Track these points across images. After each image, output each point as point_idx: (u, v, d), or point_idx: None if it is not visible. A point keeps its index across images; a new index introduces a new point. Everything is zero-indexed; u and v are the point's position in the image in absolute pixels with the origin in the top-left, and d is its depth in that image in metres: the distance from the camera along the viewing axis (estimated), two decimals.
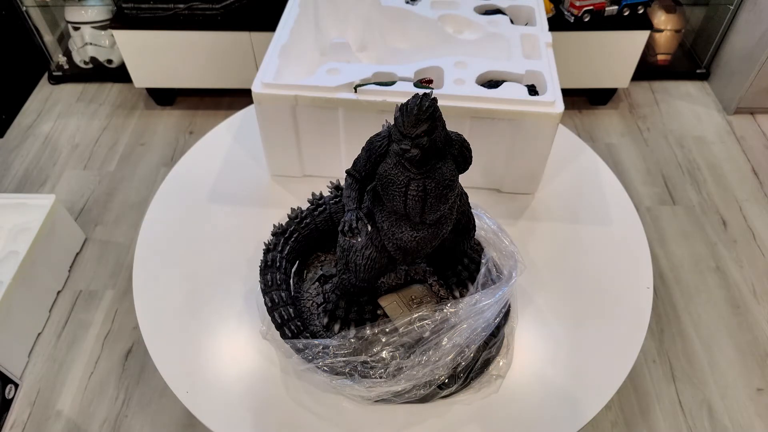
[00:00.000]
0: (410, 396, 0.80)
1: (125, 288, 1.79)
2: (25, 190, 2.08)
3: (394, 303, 0.87)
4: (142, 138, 2.29)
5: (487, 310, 0.80)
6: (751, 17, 2.25)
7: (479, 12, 1.21)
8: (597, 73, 2.25)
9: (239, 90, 2.30)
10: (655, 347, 1.64)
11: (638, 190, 2.06)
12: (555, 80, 1.02)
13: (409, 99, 0.64)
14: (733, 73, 2.37)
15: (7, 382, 1.50)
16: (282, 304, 0.85)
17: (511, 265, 0.85)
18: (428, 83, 1.02)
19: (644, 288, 0.98)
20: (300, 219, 0.93)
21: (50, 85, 2.53)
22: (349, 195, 0.73)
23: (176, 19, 2.08)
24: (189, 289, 0.98)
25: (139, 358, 1.62)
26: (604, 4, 2.08)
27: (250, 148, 1.22)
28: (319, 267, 0.96)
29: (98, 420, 1.50)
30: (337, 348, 0.80)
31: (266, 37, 1.33)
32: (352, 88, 1.00)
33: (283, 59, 1.06)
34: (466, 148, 0.72)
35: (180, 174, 1.18)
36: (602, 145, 2.26)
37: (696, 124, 2.36)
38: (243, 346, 0.90)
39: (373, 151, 0.70)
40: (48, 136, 2.30)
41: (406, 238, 0.73)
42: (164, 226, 1.08)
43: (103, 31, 2.38)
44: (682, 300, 1.75)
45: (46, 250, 1.68)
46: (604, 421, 1.50)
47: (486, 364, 0.85)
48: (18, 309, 1.56)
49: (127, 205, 2.03)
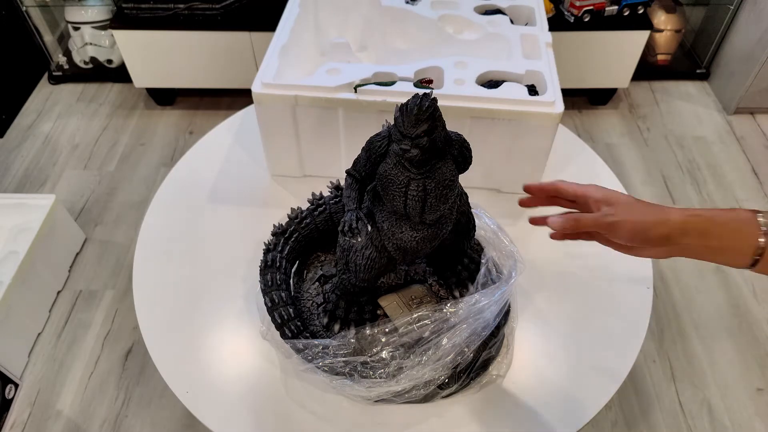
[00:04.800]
0: (410, 396, 0.80)
1: (125, 288, 1.79)
2: (25, 190, 2.09)
3: (394, 303, 0.87)
4: (142, 138, 2.29)
5: (487, 310, 0.80)
6: (751, 17, 2.25)
7: (479, 12, 1.21)
8: (597, 73, 2.25)
9: (239, 90, 2.30)
10: (655, 347, 1.64)
11: (638, 190, 2.06)
12: (555, 80, 1.02)
13: (409, 99, 0.64)
14: (733, 73, 2.37)
15: (7, 382, 1.50)
16: (282, 304, 0.85)
17: (510, 265, 0.85)
18: (428, 83, 1.02)
19: (644, 288, 0.98)
20: (300, 219, 0.93)
21: (50, 85, 2.53)
22: (349, 195, 0.73)
23: (176, 19, 2.08)
24: (189, 289, 0.98)
25: (139, 358, 1.62)
26: (604, 4, 2.08)
27: (250, 148, 1.22)
28: (319, 267, 0.96)
29: (98, 420, 1.50)
30: (337, 348, 0.80)
31: (266, 37, 1.33)
32: (352, 88, 1.00)
33: (283, 59, 1.06)
34: (466, 148, 0.72)
35: (180, 174, 1.18)
36: (602, 145, 2.26)
37: (696, 124, 2.36)
38: (243, 346, 0.90)
39: (373, 151, 0.70)
40: (48, 136, 2.30)
41: (406, 238, 0.73)
42: (164, 226, 1.08)
43: (103, 31, 2.38)
44: (682, 300, 1.75)
45: (46, 250, 1.68)
46: (604, 421, 1.50)
47: (486, 364, 0.85)
48: (18, 309, 1.56)
49: (127, 205, 2.03)
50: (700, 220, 0.57)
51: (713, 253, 0.58)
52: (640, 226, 0.58)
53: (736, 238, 0.56)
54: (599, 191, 0.63)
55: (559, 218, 0.62)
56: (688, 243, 0.58)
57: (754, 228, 0.55)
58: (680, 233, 0.57)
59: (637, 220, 0.59)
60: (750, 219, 0.55)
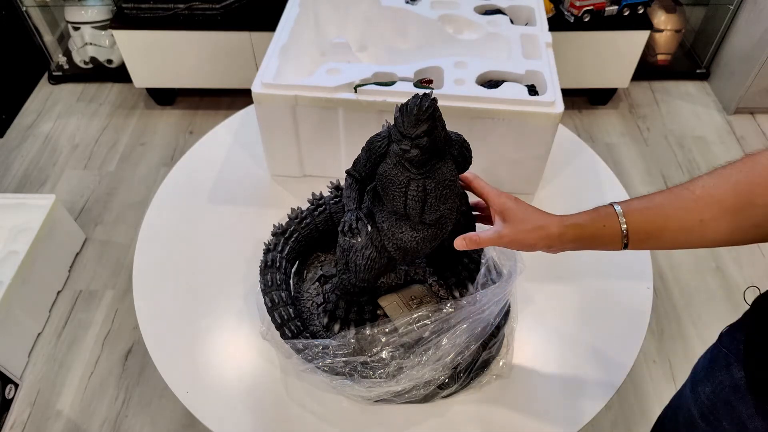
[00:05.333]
0: (410, 396, 0.80)
1: (125, 288, 1.79)
2: (25, 190, 2.08)
3: (393, 303, 0.87)
4: (142, 138, 2.29)
5: (487, 310, 0.80)
6: (751, 17, 2.25)
7: (479, 12, 1.21)
8: (597, 73, 2.25)
9: (239, 90, 2.30)
10: (655, 347, 1.64)
11: (638, 190, 2.06)
12: (555, 80, 1.02)
13: (409, 99, 0.64)
14: (733, 73, 2.37)
15: (7, 382, 1.50)
16: (282, 304, 0.85)
17: (511, 265, 0.85)
18: (428, 83, 1.02)
19: (644, 288, 0.98)
20: (300, 219, 0.93)
21: (50, 85, 2.53)
22: (349, 195, 0.73)
23: (176, 19, 2.08)
24: (189, 289, 0.98)
25: (139, 358, 1.62)
26: (604, 4, 2.07)
27: (250, 148, 1.22)
28: (319, 267, 0.96)
29: (98, 420, 1.50)
30: (337, 348, 0.80)
31: (266, 37, 1.33)
32: (352, 88, 1.00)
33: (283, 59, 1.06)
34: (466, 148, 0.72)
35: (180, 174, 1.18)
36: (602, 145, 2.26)
37: (696, 124, 2.36)
38: (243, 346, 0.90)
39: (373, 151, 0.70)
40: (48, 136, 2.30)
41: (406, 238, 0.73)
42: (164, 226, 1.08)
43: (103, 31, 2.38)
44: (682, 300, 1.75)
45: (46, 250, 1.68)
46: (604, 421, 1.50)
47: (486, 364, 0.85)
48: (18, 309, 1.56)
49: (127, 205, 2.03)
50: (573, 228, 0.67)
51: (591, 247, 0.68)
52: (528, 243, 0.69)
53: (605, 233, 0.65)
54: (498, 201, 0.72)
55: (462, 241, 0.72)
56: (568, 246, 0.68)
57: (615, 219, 0.64)
58: (560, 242, 0.68)
59: (524, 237, 0.69)
60: (610, 212, 0.65)
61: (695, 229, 0.60)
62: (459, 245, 0.72)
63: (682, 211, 0.61)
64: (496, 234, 0.70)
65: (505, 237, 0.69)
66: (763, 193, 0.57)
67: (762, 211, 0.57)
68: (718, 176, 0.60)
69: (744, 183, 0.58)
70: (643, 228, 0.64)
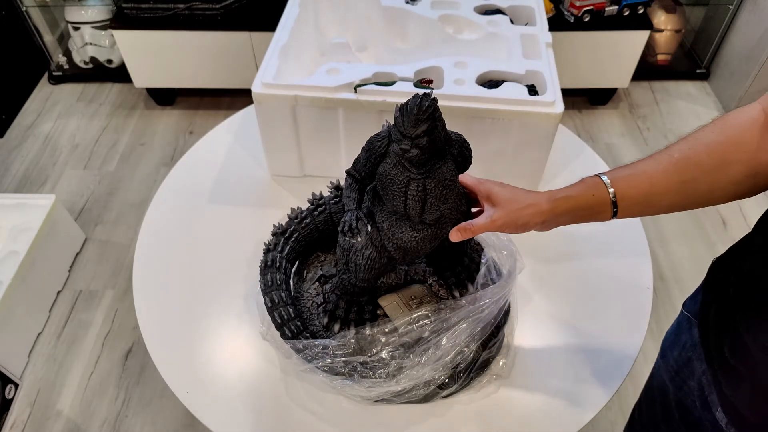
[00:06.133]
0: (410, 396, 0.80)
1: (125, 288, 1.79)
2: (25, 190, 2.08)
3: (393, 303, 0.87)
4: (142, 138, 2.29)
5: (487, 310, 0.80)
6: (751, 17, 2.25)
7: (479, 12, 1.21)
8: (597, 73, 2.25)
9: (239, 90, 2.30)
10: (655, 347, 1.64)
11: None
12: (555, 80, 1.02)
13: (409, 99, 0.64)
14: (733, 73, 2.37)
15: (7, 382, 1.50)
16: (282, 304, 0.85)
17: (510, 265, 0.85)
18: (428, 83, 1.02)
19: (644, 288, 0.98)
20: (300, 219, 0.93)
21: (50, 85, 2.53)
22: (349, 195, 0.73)
23: (176, 19, 2.08)
24: (189, 288, 0.98)
25: (139, 358, 1.62)
26: (604, 4, 2.08)
27: (250, 148, 1.22)
28: (319, 267, 0.96)
29: (98, 420, 1.50)
30: (337, 348, 0.80)
31: (266, 37, 1.33)
32: (352, 88, 1.00)
33: (283, 59, 1.06)
34: (466, 148, 0.72)
35: (180, 174, 1.18)
36: (602, 145, 2.26)
37: (696, 124, 2.33)
38: (243, 347, 0.90)
39: (373, 151, 0.70)
40: (48, 136, 2.30)
41: (406, 238, 0.73)
42: (164, 226, 1.08)
43: (103, 31, 2.38)
44: (682, 300, 1.75)
45: (46, 250, 1.68)
46: (604, 421, 1.50)
47: (486, 364, 0.85)
48: (18, 309, 1.56)
49: (127, 205, 2.03)
50: (564, 201, 0.68)
51: (583, 219, 0.69)
52: (522, 222, 0.69)
53: (594, 202, 0.67)
54: (482, 187, 0.73)
55: (456, 232, 0.72)
56: (561, 219, 0.69)
57: (603, 188, 0.66)
58: (552, 216, 0.68)
59: (516, 217, 0.69)
60: (598, 182, 0.67)
61: (678, 190, 0.63)
62: (454, 237, 0.72)
63: (663, 175, 0.64)
64: (488, 219, 0.70)
65: (498, 220, 0.69)
66: (735, 150, 0.60)
67: (737, 168, 0.60)
68: (693, 139, 0.63)
69: (716, 143, 0.62)
70: (630, 194, 0.66)
